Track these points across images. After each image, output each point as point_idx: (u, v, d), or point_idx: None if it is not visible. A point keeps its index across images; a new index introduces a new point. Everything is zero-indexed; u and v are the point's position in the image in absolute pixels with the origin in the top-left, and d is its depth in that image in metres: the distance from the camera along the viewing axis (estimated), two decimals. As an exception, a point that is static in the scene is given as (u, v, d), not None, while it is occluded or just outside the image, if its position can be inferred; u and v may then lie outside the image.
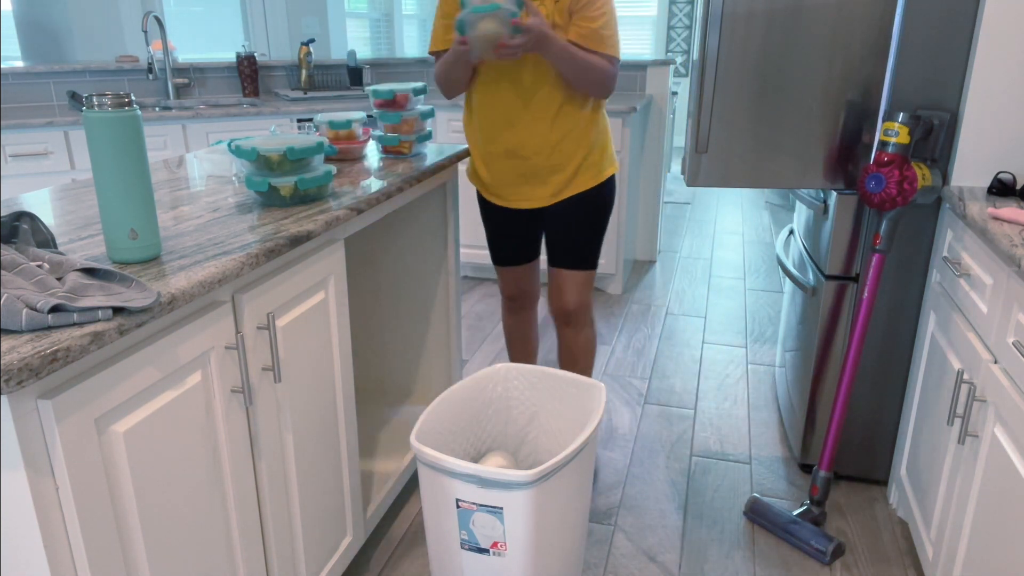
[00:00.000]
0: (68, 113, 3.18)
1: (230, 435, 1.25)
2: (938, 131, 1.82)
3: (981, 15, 1.72)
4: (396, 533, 2.03)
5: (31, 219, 1.12)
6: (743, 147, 1.96)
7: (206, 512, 1.21)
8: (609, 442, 2.47)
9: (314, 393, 1.51)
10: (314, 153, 1.54)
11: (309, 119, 3.50)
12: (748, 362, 3.02)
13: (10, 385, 0.82)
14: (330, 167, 1.60)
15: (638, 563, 1.92)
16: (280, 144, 1.53)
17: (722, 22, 1.87)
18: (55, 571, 0.94)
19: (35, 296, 0.92)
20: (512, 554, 1.50)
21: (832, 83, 1.88)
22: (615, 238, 3.65)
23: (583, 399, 1.77)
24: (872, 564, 1.91)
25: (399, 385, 2.43)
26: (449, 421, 1.72)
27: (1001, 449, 1.38)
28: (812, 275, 2.21)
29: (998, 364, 1.46)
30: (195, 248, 1.25)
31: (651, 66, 3.96)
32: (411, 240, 2.23)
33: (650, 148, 4.08)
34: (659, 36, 7.30)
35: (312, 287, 1.47)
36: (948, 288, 1.79)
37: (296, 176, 1.51)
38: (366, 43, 5.97)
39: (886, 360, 2.07)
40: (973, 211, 1.58)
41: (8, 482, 0.89)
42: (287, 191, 1.51)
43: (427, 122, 2.09)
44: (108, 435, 1.00)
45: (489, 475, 1.43)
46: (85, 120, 1.09)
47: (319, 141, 1.56)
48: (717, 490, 2.22)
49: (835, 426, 1.96)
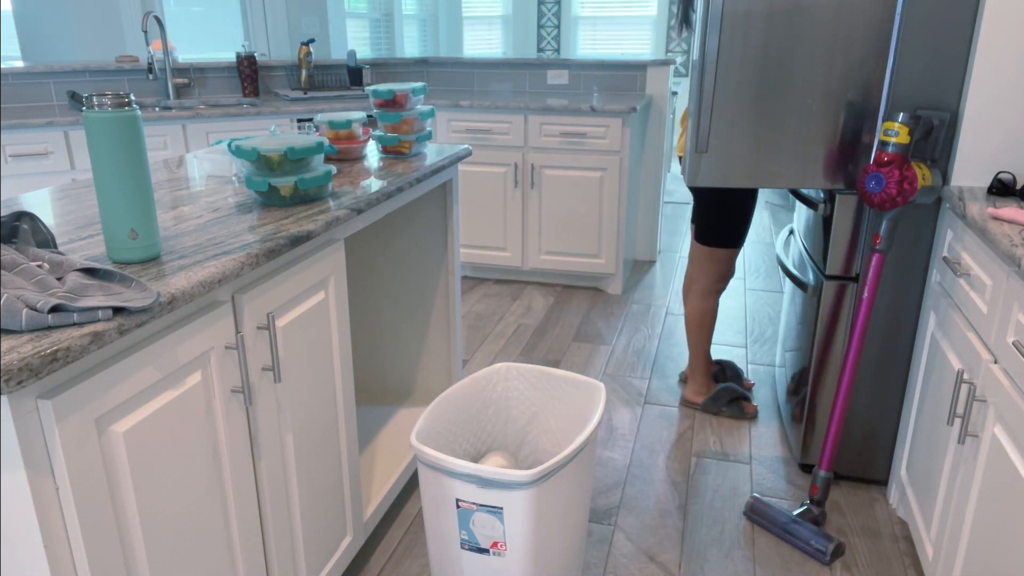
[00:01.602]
0: (68, 113, 3.18)
1: (230, 435, 1.25)
2: (938, 131, 1.82)
3: (981, 15, 1.72)
4: (396, 533, 2.03)
5: (31, 219, 1.12)
6: (743, 147, 1.96)
7: (206, 512, 1.21)
8: (609, 442, 2.47)
9: (314, 393, 1.51)
10: (314, 153, 1.54)
11: (309, 119, 3.50)
12: (748, 362, 3.02)
13: (10, 385, 0.82)
14: (330, 167, 1.60)
15: (638, 563, 1.92)
16: (280, 144, 1.53)
17: (722, 22, 1.87)
18: (55, 571, 0.94)
19: (35, 296, 0.92)
20: (512, 554, 1.50)
21: (832, 83, 1.88)
22: (615, 238, 3.65)
23: (583, 399, 1.77)
24: (872, 564, 1.91)
25: (399, 385, 2.43)
26: (449, 421, 1.72)
27: (1001, 449, 1.38)
28: (812, 275, 2.21)
29: (998, 364, 1.46)
30: (195, 248, 1.25)
31: (651, 66, 3.96)
32: (411, 240, 2.23)
33: (650, 148, 4.08)
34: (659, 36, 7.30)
35: (312, 287, 1.47)
36: (948, 288, 1.79)
37: (296, 176, 1.51)
38: (366, 43, 5.97)
39: (886, 360, 2.07)
40: (973, 211, 1.58)
41: (8, 482, 0.89)
42: (287, 191, 1.51)
43: (427, 122, 2.09)
44: (108, 435, 1.00)
45: (489, 475, 1.43)
46: (85, 120, 1.09)
47: (319, 141, 1.56)
48: (717, 490, 2.22)
49: (835, 426, 1.96)
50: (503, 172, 3.70)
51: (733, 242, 2.46)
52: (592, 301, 3.69)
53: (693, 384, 2.64)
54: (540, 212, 3.71)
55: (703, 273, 2.52)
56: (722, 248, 2.46)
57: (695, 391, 2.64)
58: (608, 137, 3.50)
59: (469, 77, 4.27)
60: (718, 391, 2.61)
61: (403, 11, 6.34)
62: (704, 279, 2.52)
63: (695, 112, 1.95)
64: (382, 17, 6.14)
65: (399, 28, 6.27)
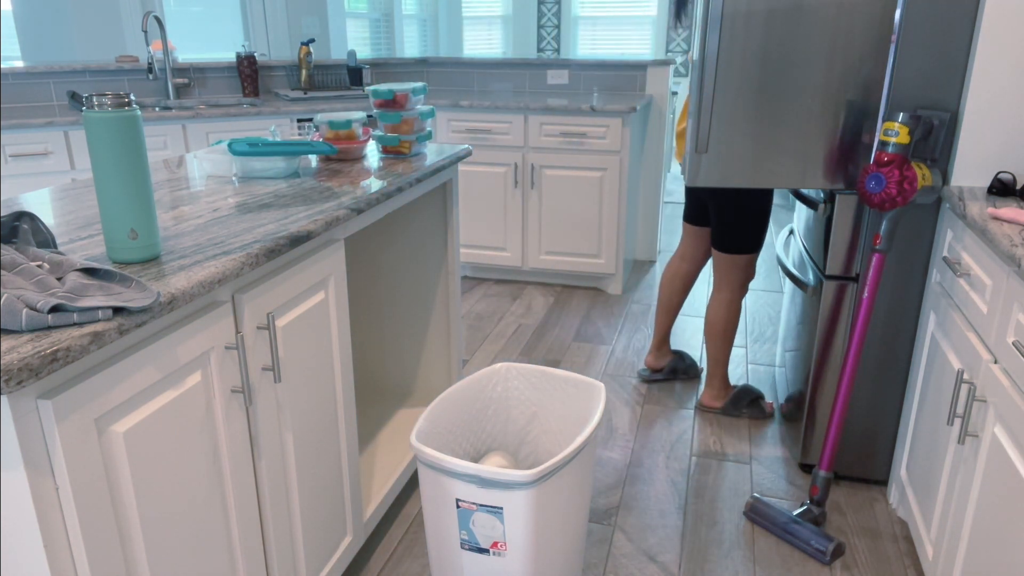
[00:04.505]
0: (68, 113, 3.18)
1: (230, 435, 1.25)
2: (938, 131, 1.82)
3: (981, 15, 1.72)
4: (396, 533, 2.03)
5: (31, 219, 1.12)
6: (743, 147, 1.96)
7: (206, 512, 1.21)
8: (609, 442, 2.47)
9: (314, 393, 1.51)
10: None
11: (309, 119, 3.50)
12: (748, 362, 3.02)
13: (10, 385, 0.82)
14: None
15: (638, 563, 1.92)
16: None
17: (722, 22, 1.87)
18: (55, 571, 0.94)
19: (35, 296, 0.92)
20: (512, 554, 1.50)
21: (832, 83, 1.88)
22: (615, 238, 3.65)
23: (583, 399, 1.77)
24: (872, 564, 1.91)
25: (399, 385, 2.43)
26: (449, 421, 1.72)
27: (1001, 449, 1.38)
28: (812, 275, 2.21)
29: (998, 364, 1.46)
30: (195, 248, 1.25)
31: (651, 66, 3.96)
32: (411, 240, 2.23)
33: (650, 148, 4.08)
34: (659, 36, 7.30)
35: (312, 287, 1.47)
36: (948, 288, 1.79)
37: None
38: (366, 43, 5.97)
39: (886, 360, 2.07)
40: (973, 211, 1.58)
41: (8, 482, 0.89)
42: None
43: (427, 122, 2.09)
44: (108, 435, 1.00)
45: (489, 475, 1.43)
46: (85, 120, 1.09)
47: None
48: (717, 490, 2.22)
49: (835, 426, 1.96)
50: (503, 172, 3.70)
51: (753, 246, 2.44)
52: (592, 301, 3.69)
53: (711, 389, 2.64)
54: (540, 212, 3.71)
55: (727, 282, 2.49)
56: (744, 254, 2.44)
57: (713, 396, 2.63)
58: (608, 137, 3.50)
59: (469, 77, 4.27)
60: (737, 393, 2.61)
61: (403, 11, 6.34)
62: (728, 288, 2.49)
63: (695, 112, 1.95)
64: (382, 17, 6.14)
65: (399, 28, 6.27)
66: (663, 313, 2.78)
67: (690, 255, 2.69)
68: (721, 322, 2.53)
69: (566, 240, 3.72)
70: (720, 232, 2.44)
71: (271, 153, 1.76)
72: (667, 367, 2.85)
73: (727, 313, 2.52)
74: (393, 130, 2.02)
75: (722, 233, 2.43)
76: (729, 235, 2.42)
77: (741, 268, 2.46)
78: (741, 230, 2.40)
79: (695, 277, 2.73)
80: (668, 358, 2.85)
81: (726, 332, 2.55)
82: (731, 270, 2.47)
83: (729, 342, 2.57)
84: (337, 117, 1.95)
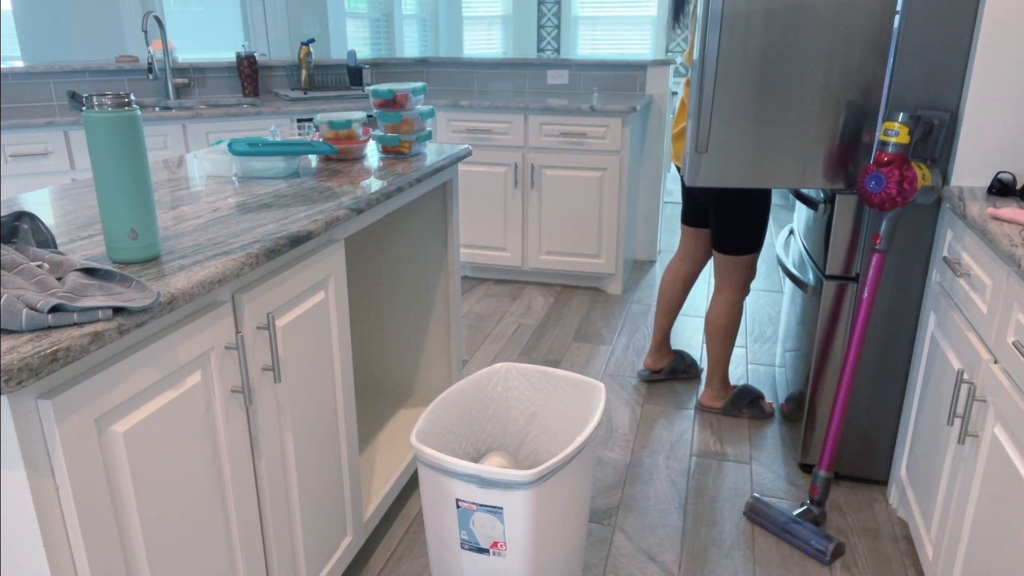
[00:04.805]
0: (68, 113, 3.18)
1: (230, 435, 1.25)
2: (938, 131, 1.82)
3: (981, 15, 1.72)
4: (396, 533, 2.03)
5: (31, 219, 1.12)
6: (743, 147, 1.96)
7: (206, 512, 1.21)
8: (609, 442, 2.47)
9: (314, 393, 1.51)
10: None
11: (309, 119, 3.50)
12: (748, 362, 3.02)
13: (10, 385, 0.82)
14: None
15: (638, 563, 1.92)
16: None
17: (722, 22, 1.87)
18: (55, 571, 0.94)
19: (35, 296, 0.92)
20: (512, 554, 1.50)
21: (832, 83, 1.88)
22: (615, 238, 3.65)
23: (583, 399, 1.77)
24: (872, 564, 1.91)
25: (399, 385, 2.43)
26: (449, 421, 1.72)
27: (1001, 449, 1.38)
28: (812, 275, 2.21)
29: (998, 364, 1.46)
30: (195, 248, 1.25)
31: (651, 66, 3.96)
32: (411, 240, 2.23)
33: (650, 148, 4.08)
34: (659, 36, 7.30)
35: (312, 287, 1.47)
36: (948, 288, 1.79)
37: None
38: (366, 43, 5.97)
39: (886, 360, 2.07)
40: (973, 211, 1.58)
41: (8, 482, 0.89)
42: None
43: (427, 122, 2.09)
44: (108, 435, 1.00)
45: (489, 475, 1.43)
46: (85, 120, 1.09)
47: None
48: (717, 490, 2.22)
49: (835, 426, 1.96)
50: (503, 172, 3.70)
51: (753, 247, 2.44)
52: (592, 301, 3.69)
53: (710, 390, 2.64)
54: (540, 212, 3.71)
55: (728, 282, 2.48)
56: (744, 255, 2.44)
57: (713, 396, 2.63)
58: (608, 137, 3.50)
59: (469, 77, 4.27)
60: (737, 394, 2.61)
61: (403, 11, 6.34)
62: (730, 288, 2.49)
63: (695, 112, 1.95)
64: (382, 17, 6.14)
65: (399, 28, 6.27)
66: (663, 314, 2.78)
67: (690, 256, 2.69)
68: (723, 322, 2.53)
69: (566, 240, 3.72)
70: (720, 233, 2.44)
71: (271, 153, 1.76)
72: (667, 368, 2.84)
73: (729, 313, 2.52)
74: (393, 130, 2.02)
75: (722, 234, 2.43)
76: (729, 236, 2.42)
77: (742, 268, 2.46)
78: (740, 230, 2.40)
79: (695, 278, 2.72)
80: (668, 359, 2.85)
81: (727, 333, 2.55)
82: (732, 271, 2.47)
83: (730, 343, 2.57)
84: (337, 117, 1.96)
